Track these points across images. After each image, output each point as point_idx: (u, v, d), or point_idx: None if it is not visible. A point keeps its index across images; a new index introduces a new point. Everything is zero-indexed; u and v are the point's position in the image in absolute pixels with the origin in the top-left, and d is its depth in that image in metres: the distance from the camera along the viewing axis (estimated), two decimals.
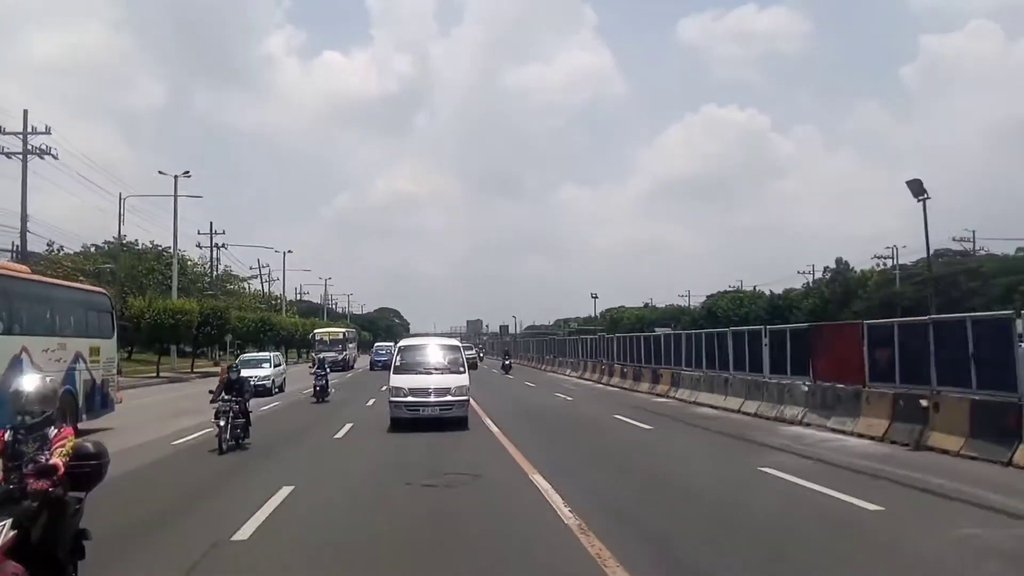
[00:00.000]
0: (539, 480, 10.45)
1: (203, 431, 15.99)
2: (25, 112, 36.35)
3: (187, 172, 47.65)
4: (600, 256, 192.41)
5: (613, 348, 37.06)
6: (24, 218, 36.50)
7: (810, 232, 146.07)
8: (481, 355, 71.24)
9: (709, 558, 6.94)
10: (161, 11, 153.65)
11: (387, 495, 9.82)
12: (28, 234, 37.25)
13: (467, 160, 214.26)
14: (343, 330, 63.13)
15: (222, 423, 13.85)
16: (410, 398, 16.60)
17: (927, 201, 33.41)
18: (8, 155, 35.85)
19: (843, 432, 15.09)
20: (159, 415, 20.86)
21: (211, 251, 62.11)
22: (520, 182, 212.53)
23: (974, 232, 57.41)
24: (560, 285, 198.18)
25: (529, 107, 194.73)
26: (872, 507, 8.71)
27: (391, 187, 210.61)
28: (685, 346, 26.34)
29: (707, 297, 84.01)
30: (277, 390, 29.74)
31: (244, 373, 18.31)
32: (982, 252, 57.60)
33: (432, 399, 16.56)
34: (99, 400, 17.64)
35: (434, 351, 18.25)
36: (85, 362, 16.97)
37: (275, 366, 31.03)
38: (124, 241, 52.47)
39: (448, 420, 16.40)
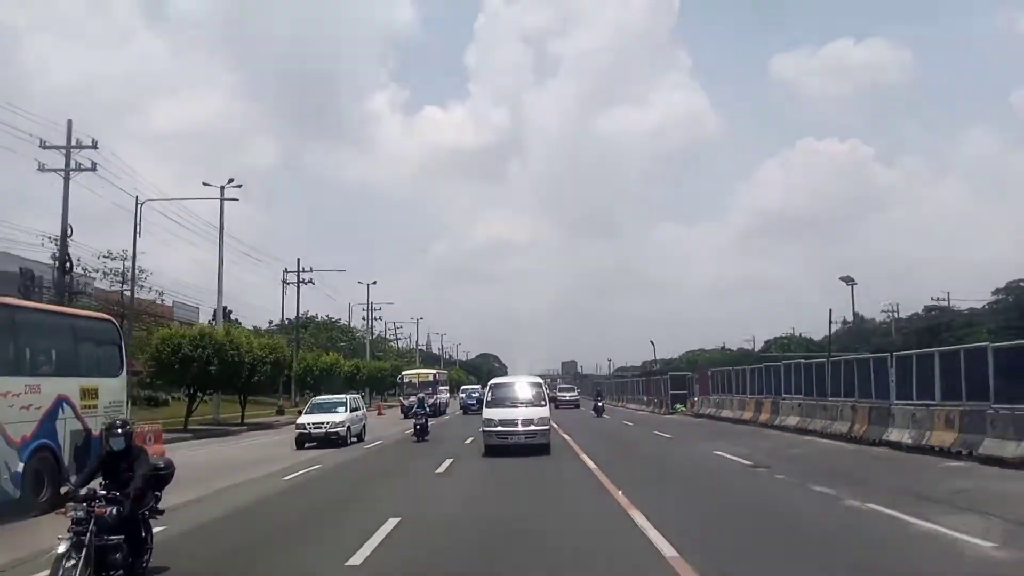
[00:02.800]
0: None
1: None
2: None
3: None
4: (697, 294, 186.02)
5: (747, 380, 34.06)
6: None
7: (917, 264, 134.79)
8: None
9: None
10: (274, 77, 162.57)
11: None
12: None
13: (562, 203, 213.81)
14: (433, 372, 57.82)
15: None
16: (500, 428, 19.09)
17: None
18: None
19: None
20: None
21: (368, 319, 75.11)
22: (615, 223, 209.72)
23: None
24: (656, 324, 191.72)
25: (623, 149, 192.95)
26: None
27: (488, 233, 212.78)
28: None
29: (764, 343, 79.91)
30: (354, 439, 25.09)
31: (314, 419, 24.44)
32: None
33: (520, 428, 18.98)
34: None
35: (519, 388, 20.86)
36: (74, 408, 12.95)
37: (352, 410, 26.04)
38: (307, 315, 62.81)
39: (533, 446, 18.49)
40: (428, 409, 27.75)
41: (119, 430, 7.44)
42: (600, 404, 42.04)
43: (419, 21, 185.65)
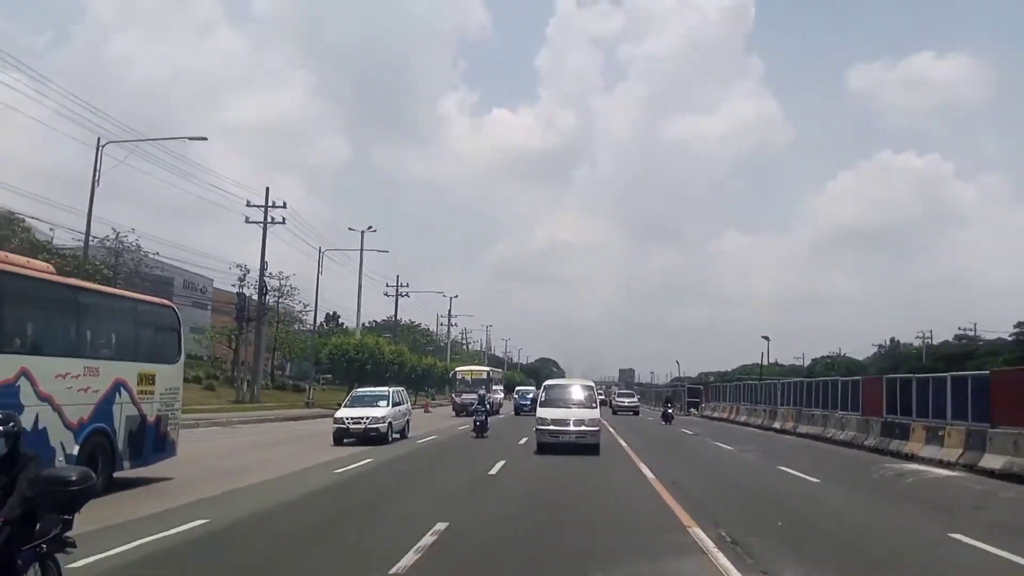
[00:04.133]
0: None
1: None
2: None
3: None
4: (761, 305, 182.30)
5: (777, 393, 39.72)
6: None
7: (993, 286, 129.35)
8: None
9: None
10: (348, 78, 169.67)
11: None
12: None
13: (627, 209, 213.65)
14: (487, 369, 57.16)
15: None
16: (552, 427, 19.90)
17: None
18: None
19: None
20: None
21: (447, 323, 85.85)
22: (679, 230, 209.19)
23: None
24: (717, 334, 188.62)
25: (691, 156, 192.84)
26: None
27: (551, 237, 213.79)
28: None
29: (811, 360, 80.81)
30: (396, 435, 23.74)
31: (353, 413, 22.61)
32: None
33: (571, 428, 19.77)
34: (151, 443, 13.41)
35: (572, 390, 21.66)
36: (131, 393, 12.86)
37: (394, 404, 24.29)
38: (397, 319, 72.69)
39: (584, 445, 19.30)
40: (488, 407, 28.03)
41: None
42: (669, 411, 40.47)
43: (491, 23, 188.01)
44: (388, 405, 23.62)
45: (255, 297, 46.29)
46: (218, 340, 57.92)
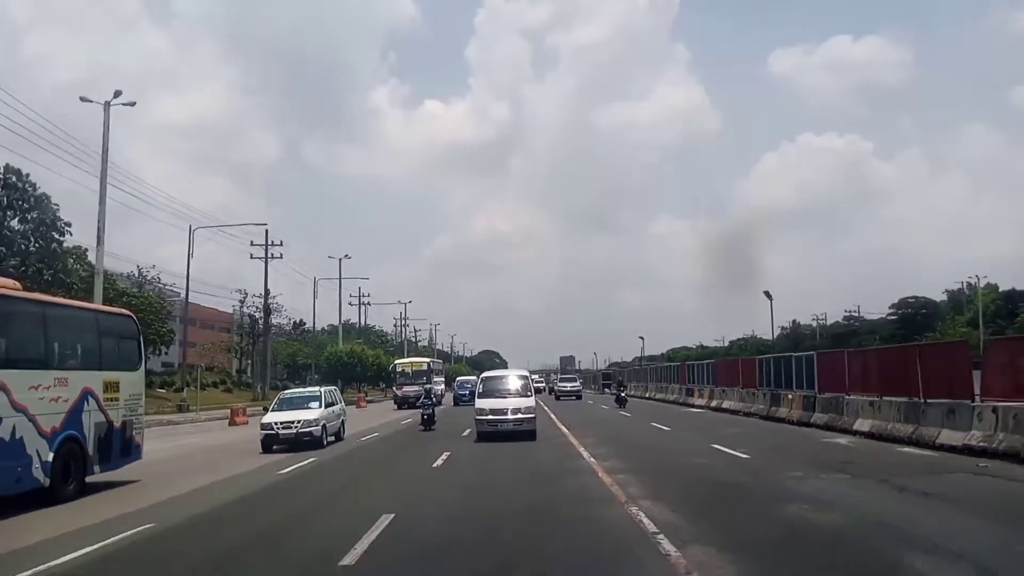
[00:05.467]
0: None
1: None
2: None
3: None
4: (694, 288, 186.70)
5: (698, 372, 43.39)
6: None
7: (917, 260, 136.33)
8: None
9: None
10: (276, 74, 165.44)
11: None
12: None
13: (563, 197, 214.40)
14: (427, 360, 57.37)
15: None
16: (491, 416, 20.85)
17: None
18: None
19: None
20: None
21: (402, 326, 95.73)
22: (615, 217, 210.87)
23: None
24: (651, 319, 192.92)
25: (623, 144, 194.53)
26: None
27: (488, 227, 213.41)
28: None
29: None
30: (331, 438, 21.50)
31: (282, 417, 20.50)
32: None
33: (509, 416, 20.71)
34: (118, 447, 14.06)
35: (508, 381, 22.87)
36: (98, 401, 13.49)
37: (327, 405, 21.87)
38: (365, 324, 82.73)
39: (521, 432, 20.32)
40: (435, 399, 28.44)
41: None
42: (623, 395, 39.50)
43: (420, 15, 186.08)
44: (320, 406, 21.34)
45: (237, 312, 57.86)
46: (217, 350, 63.83)
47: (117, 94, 31.60)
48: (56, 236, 34.68)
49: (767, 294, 44.98)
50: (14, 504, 11.30)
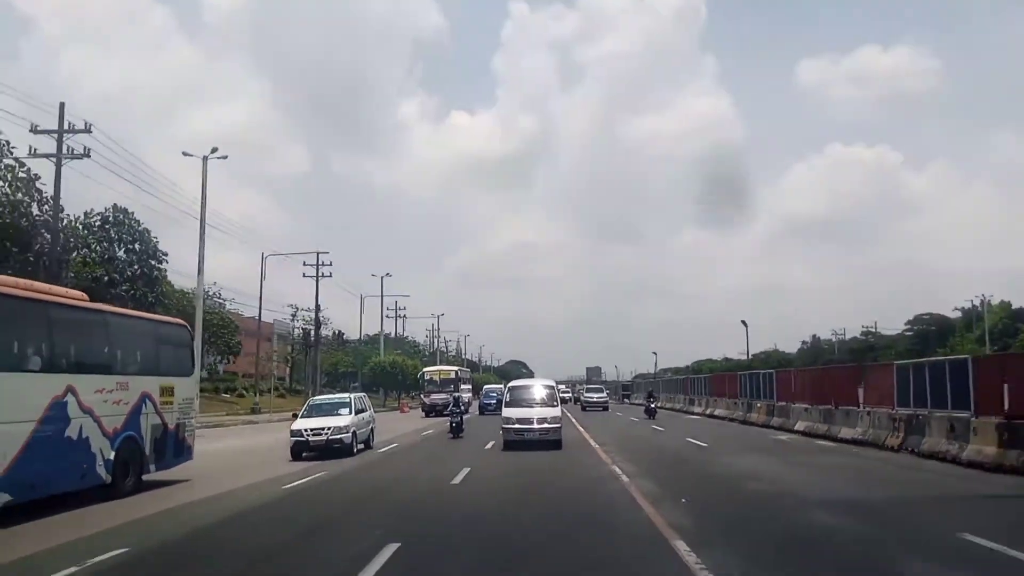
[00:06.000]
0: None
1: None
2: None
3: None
4: (723, 300, 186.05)
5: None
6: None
7: (948, 269, 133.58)
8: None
9: None
10: (305, 87, 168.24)
11: None
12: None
13: (588, 209, 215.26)
14: (455, 369, 58.54)
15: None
16: (517, 425, 21.21)
17: None
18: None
19: None
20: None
21: (435, 336, 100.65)
22: (640, 229, 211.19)
23: None
24: (679, 330, 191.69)
25: (649, 155, 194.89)
26: None
27: (515, 238, 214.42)
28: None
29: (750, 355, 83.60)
30: (361, 446, 21.46)
31: (312, 424, 20.40)
32: None
33: (535, 426, 21.08)
34: (172, 448, 15.08)
35: (535, 390, 23.06)
36: (154, 404, 14.50)
37: (357, 412, 21.67)
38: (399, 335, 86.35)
39: (547, 442, 20.70)
40: (463, 408, 28.75)
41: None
42: (653, 407, 39.00)
43: (447, 28, 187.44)
44: (350, 413, 21.13)
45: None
46: (272, 360, 69.31)
47: (214, 150, 37.27)
48: (155, 264, 40.67)
49: (743, 323, 53.41)
50: (80, 498, 12.31)
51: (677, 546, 8.20)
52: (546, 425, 21.02)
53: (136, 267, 39.41)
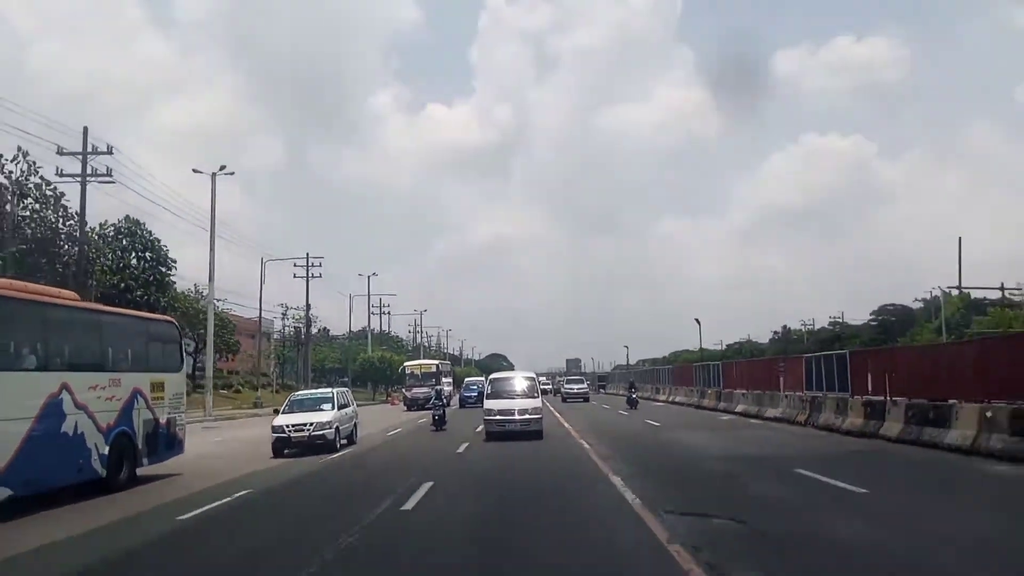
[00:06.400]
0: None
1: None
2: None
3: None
4: (702, 289, 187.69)
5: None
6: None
7: (924, 259, 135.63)
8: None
9: None
10: (279, 79, 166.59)
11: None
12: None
13: (566, 200, 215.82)
14: (436, 363, 58.35)
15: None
16: (499, 416, 21.65)
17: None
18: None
19: None
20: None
21: (418, 332, 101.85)
22: (618, 219, 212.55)
23: None
24: (657, 320, 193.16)
25: (626, 145, 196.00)
26: None
27: (494, 230, 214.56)
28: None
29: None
30: (344, 441, 20.95)
31: (294, 420, 20.00)
32: None
33: (516, 416, 21.54)
34: (164, 442, 15.47)
35: (516, 382, 23.61)
36: (146, 400, 14.87)
37: (340, 407, 21.30)
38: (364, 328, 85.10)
39: (528, 432, 21.15)
40: (445, 401, 29.11)
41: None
42: (634, 396, 39.32)
43: (422, 19, 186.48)
44: (333, 408, 20.71)
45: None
46: (264, 357, 71.55)
47: (222, 168, 41.27)
48: (164, 270, 44.32)
49: (696, 320, 56.57)
50: (75, 493, 12.69)
51: (614, 480, 12.69)
52: (527, 416, 21.43)
53: (148, 274, 42.89)
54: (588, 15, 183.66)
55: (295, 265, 60.69)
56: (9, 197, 32.66)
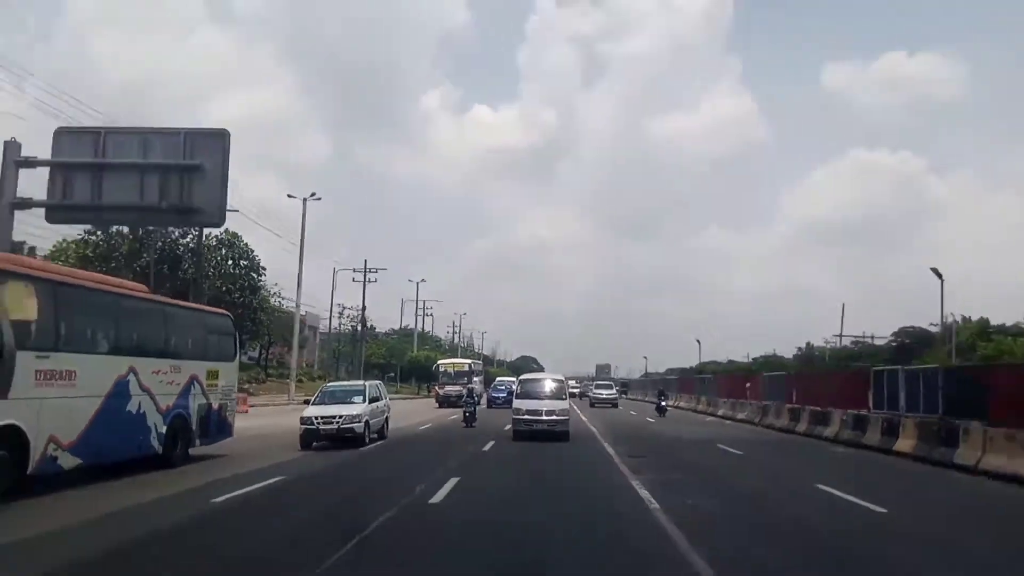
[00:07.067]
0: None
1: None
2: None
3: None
4: (739, 300, 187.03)
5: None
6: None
7: (966, 278, 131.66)
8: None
9: None
10: (331, 76, 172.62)
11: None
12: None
13: (608, 206, 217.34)
14: (468, 361, 60.09)
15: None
16: (527, 416, 22.29)
17: None
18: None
19: None
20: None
21: (457, 331, 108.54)
22: (660, 227, 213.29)
23: None
24: (693, 330, 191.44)
25: (672, 153, 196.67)
26: None
27: (534, 233, 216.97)
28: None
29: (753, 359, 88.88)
30: (374, 435, 20.83)
31: (323, 411, 19.67)
32: None
33: (543, 417, 22.12)
34: (215, 425, 16.81)
35: (545, 384, 24.15)
36: (201, 386, 16.22)
37: (371, 400, 20.93)
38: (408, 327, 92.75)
39: (555, 433, 21.86)
40: (476, 399, 30.25)
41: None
42: (663, 404, 41.25)
43: (472, 21, 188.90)
44: (364, 401, 20.38)
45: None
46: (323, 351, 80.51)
47: (312, 194, 49.26)
48: (256, 276, 51.95)
49: (698, 341, 65.40)
50: (135, 467, 14.05)
51: (610, 451, 18.99)
52: (554, 417, 21.91)
53: (244, 279, 50.45)
54: (638, 22, 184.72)
55: (354, 271, 67.91)
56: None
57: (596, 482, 14.20)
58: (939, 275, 39.76)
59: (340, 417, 19.26)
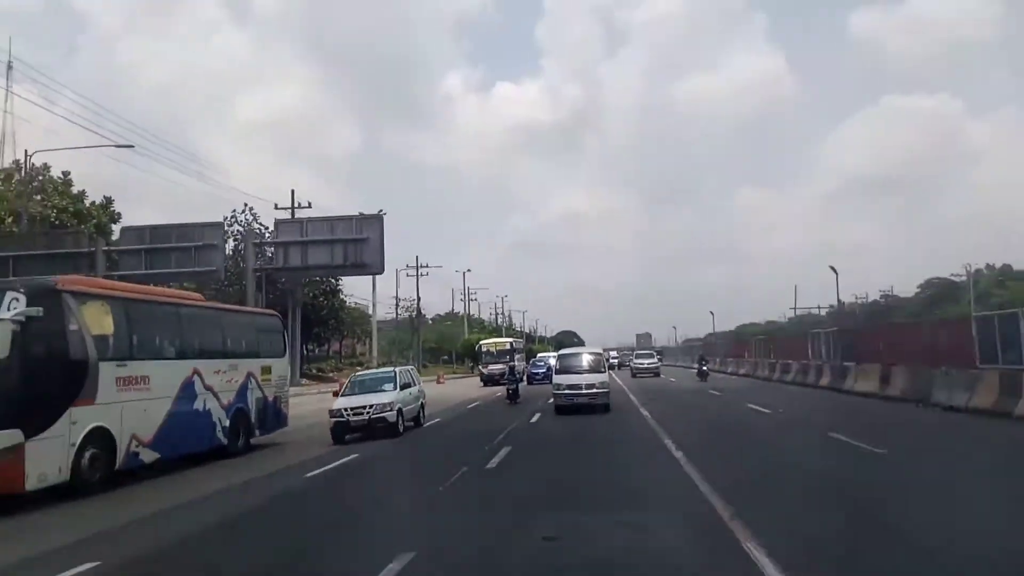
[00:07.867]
0: None
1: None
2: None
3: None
4: (778, 260, 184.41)
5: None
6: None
7: (1014, 220, 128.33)
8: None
9: None
10: (352, 67, 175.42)
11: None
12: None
13: (639, 174, 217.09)
14: (510, 340, 61.27)
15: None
16: (567, 391, 22.75)
17: None
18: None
19: None
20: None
21: (499, 313, 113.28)
22: (693, 191, 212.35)
23: None
24: (734, 293, 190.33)
25: (700, 116, 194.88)
26: None
27: (566, 207, 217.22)
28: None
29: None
30: (410, 423, 19.95)
31: (353, 402, 18.62)
32: None
33: (583, 391, 22.48)
34: (271, 417, 18.45)
35: (583, 358, 24.40)
36: (256, 381, 17.78)
37: (402, 387, 19.76)
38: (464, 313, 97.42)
39: (596, 405, 22.24)
40: (518, 376, 31.99)
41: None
42: (705, 368, 42.29)
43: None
44: (395, 389, 19.38)
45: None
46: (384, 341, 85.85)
47: (380, 210, 53.71)
48: (335, 282, 59.86)
49: (711, 312, 65.29)
50: (204, 458, 15.67)
51: (634, 400, 24.99)
52: (595, 390, 22.23)
53: (325, 284, 57.59)
54: None
55: (407, 266, 75.45)
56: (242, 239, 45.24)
57: (637, 455, 14.40)
58: (835, 271, 42.54)
59: (370, 407, 18.27)
